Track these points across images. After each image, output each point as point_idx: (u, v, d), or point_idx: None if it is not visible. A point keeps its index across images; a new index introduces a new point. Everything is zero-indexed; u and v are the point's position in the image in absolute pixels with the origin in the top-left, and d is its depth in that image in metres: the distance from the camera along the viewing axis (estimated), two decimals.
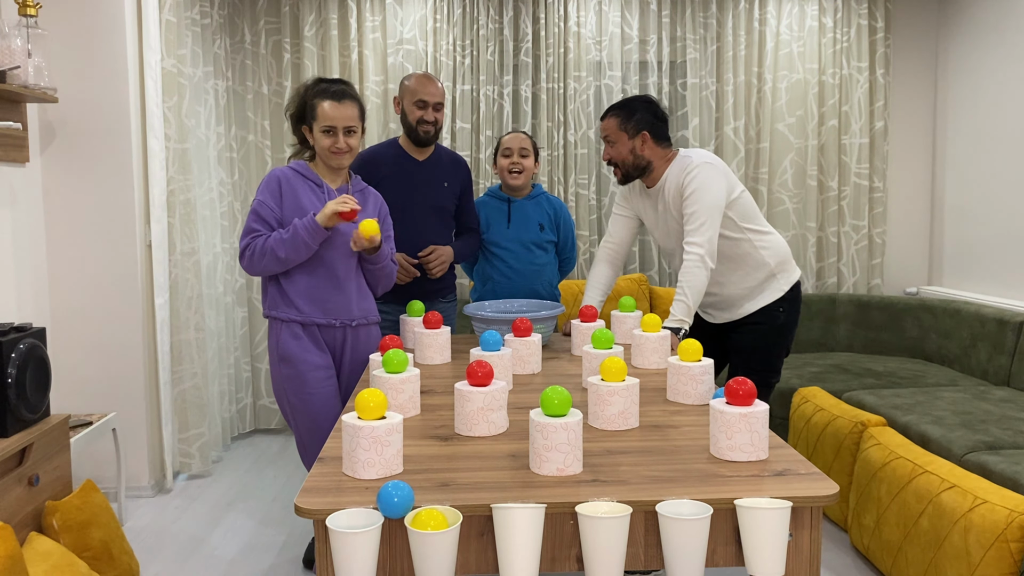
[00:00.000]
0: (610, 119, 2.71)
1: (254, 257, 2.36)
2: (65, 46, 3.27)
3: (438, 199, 2.99)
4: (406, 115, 2.93)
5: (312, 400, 2.44)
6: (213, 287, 3.97)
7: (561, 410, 1.47)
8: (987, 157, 4.08)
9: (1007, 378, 3.57)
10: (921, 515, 2.33)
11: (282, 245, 2.33)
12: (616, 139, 2.69)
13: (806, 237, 4.47)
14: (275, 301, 2.46)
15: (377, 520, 1.28)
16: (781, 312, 2.74)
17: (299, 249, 2.33)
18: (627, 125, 2.68)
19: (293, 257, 2.35)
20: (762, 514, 1.27)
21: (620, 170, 2.73)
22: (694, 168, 2.60)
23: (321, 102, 2.41)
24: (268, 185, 2.43)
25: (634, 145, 2.68)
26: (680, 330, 2.54)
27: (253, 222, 2.40)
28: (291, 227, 2.34)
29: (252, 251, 2.37)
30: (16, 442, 2.28)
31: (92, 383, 3.38)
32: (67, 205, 3.32)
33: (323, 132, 2.42)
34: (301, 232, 2.31)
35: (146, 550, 2.93)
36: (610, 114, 2.71)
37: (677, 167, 2.66)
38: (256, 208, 2.41)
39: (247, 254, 2.38)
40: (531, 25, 4.33)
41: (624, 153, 2.69)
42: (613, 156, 2.72)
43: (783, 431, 3.70)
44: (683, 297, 2.55)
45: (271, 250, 2.34)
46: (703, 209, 2.56)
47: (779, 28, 4.38)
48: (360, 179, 2.64)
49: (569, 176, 4.37)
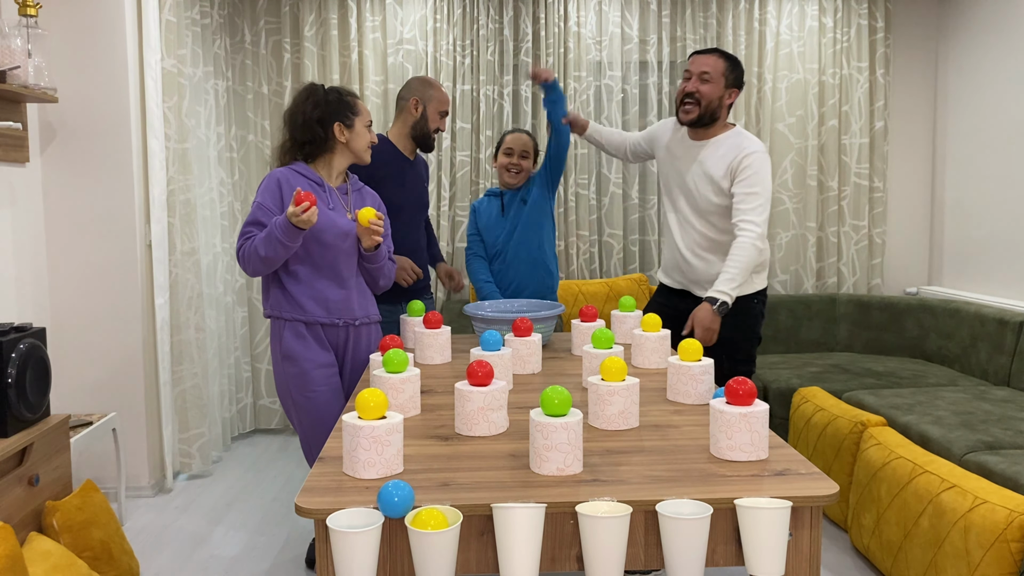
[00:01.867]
0: (719, 59, 2.75)
1: (244, 257, 2.39)
2: (65, 46, 3.27)
3: (423, 197, 3.09)
4: (427, 120, 2.95)
5: (316, 398, 2.45)
6: (213, 287, 3.97)
7: (561, 410, 1.47)
8: (987, 157, 4.08)
9: (1007, 378, 3.57)
10: (921, 515, 2.33)
11: (262, 244, 2.34)
12: (715, 79, 2.74)
13: (806, 237, 4.47)
14: (278, 302, 2.46)
15: (377, 520, 1.28)
16: (756, 304, 2.84)
17: (275, 247, 2.32)
18: (730, 73, 2.76)
19: (273, 256, 2.34)
20: (762, 514, 1.27)
21: (699, 108, 2.76)
22: (756, 151, 2.68)
23: (357, 100, 2.53)
24: (268, 186, 2.43)
25: (724, 94, 2.75)
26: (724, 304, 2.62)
27: (248, 224, 2.42)
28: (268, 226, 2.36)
29: (243, 252, 2.39)
30: (16, 442, 2.28)
31: (92, 383, 3.38)
32: (67, 205, 3.32)
33: (367, 127, 2.53)
34: (275, 231, 2.32)
35: (146, 550, 2.93)
36: (718, 54, 2.76)
37: (734, 139, 2.73)
38: (254, 209, 2.42)
39: (240, 255, 2.41)
40: (531, 25, 4.33)
41: (715, 95, 2.75)
42: (704, 92, 2.74)
43: (783, 431, 3.70)
44: (733, 271, 2.63)
45: (254, 250, 2.36)
46: (763, 192, 2.66)
47: (779, 28, 4.38)
48: (357, 179, 2.65)
49: (569, 176, 4.37)
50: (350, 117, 2.49)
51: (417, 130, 2.96)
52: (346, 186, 2.56)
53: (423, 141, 2.97)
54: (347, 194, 2.54)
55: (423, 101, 2.95)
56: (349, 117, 2.49)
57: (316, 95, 2.51)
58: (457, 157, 4.31)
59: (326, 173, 2.52)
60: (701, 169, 2.76)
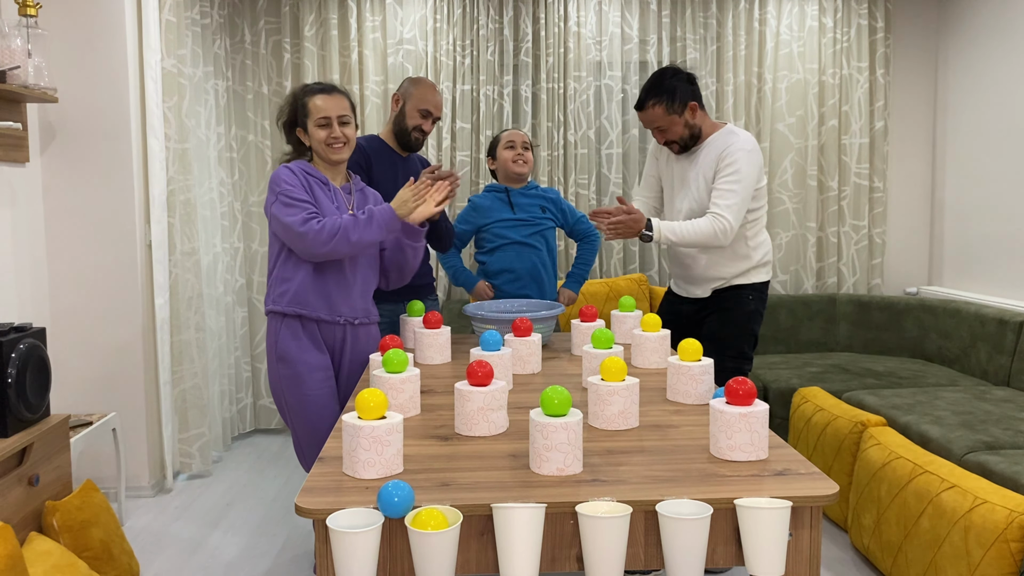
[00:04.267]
0: (655, 108, 2.71)
1: (322, 234, 2.27)
2: (65, 46, 3.27)
3: None
4: (405, 117, 2.90)
5: (309, 401, 2.43)
6: (213, 287, 3.97)
7: (561, 410, 1.47)
8: (987, 157, 4.08)
9: (1007, 378, 3.57)
10: (921, 515, 2.33)
11: (356, 227, 2.29)
12: (668, 124, 2.73)
13: (806, 237, 4.47)
14: (281, 295, 2.43)
15: (377, 520, 1.28)
16: (750, 299, 2.81)
17: (373, 232, 2.31)
18: (674, 106, 2.71)
19: (366, 239, 2.31)
20: (762, 514, 1.27)
21: (678, 145, 2.77)
22: (739, 149, 2.66)
23: (312, 98, 2.42)
24: (285, 177, 2.36)
25: (686, 119, 2.73)
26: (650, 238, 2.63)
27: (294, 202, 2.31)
28: (367, 211, 2.32)
29: (323, 227, 2.28)
30: (16, 442, 2.28)
31: (92, 383, 3.38)
32: (67, 205, 3.32)
33: (318, 126, 2.41)
34: (378, 217, 2.30)
35: (146, 550, 2.93)
36: (651, 103, 2.71)
37: (724, 137, 2.72)
38: (286, 192, 2.32)
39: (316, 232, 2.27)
40: (531, 25, 4.33)
41: (680, 131, 2.74)
42: (671, 136, 2.75)
43: (783, 431, 3.70)
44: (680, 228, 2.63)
45: (343, 230, 2.28)
46: (741, 191, 2.63)
47: (779, 28, 4.38)
48: (360, 179, 2.62)
49: (569, 176, 4.37)
50: (304, 120, 2.44)
51: (397, 126, 2.92)
52: (349, 185, 2.55)
53: (403, 138, 2.91)
54: (350, 194, 2.53)
55: (403, 97, 2.91)
56: (303, 120, 2.44)
57: (287, 100, 2.50)
58: (457, 157, 4.30)
59: (329, 175, 2.51)
60: (697, 169, 2.77)
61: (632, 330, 2.49)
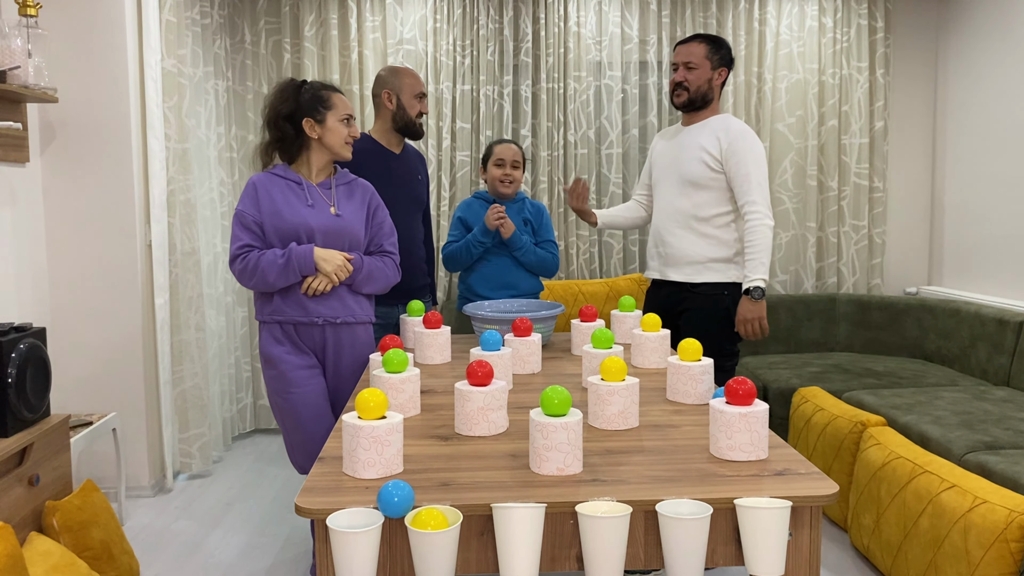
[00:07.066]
0: (699, 44, 2.77)
1: (246, 271, 2.37)
2: (65, 46, 3.27)
3: (416, 191, 3.01)
4: (404, 109, 2.88)
5: (294, 398, 2.41)
6: (213, 287, 3.97)
7: (561, 410, 1.47)
8: (987, 157, 4.08)
9: (1007, 378, 3.57)
10: (921, 515, 2.33)
11: (272, 269, 2.35)
12: (700, 65, 2.77)
13: (806, 237, 4.47)
14: (262, 306, 2.46)
15: (377, 520, 1.28)
16: (725, 295, 2.80)
17: (289, 277, 2.37)
18: (714, 55, 2.78)
19: (282, 283, 2.37)
20: (762, 514, 1.28)
21: (688, 94, 2.80)
22: (745, 132, 2.72)
23: (332, 94, 2.46)
24: (246, 192, 2.43)
25: (712, 76, 2.79)
26: (758, 289, 2.64)
27: (239, 230, 2.40)
28: (286, 253, 2.34)
29: (246, 264, 2.37)
30: (16, 442, 2.28)
31: (92, 383, 3.38)
32: (67, 205, 3.32)
33: (342, 121, 2.46)
34: (294, 262, 2.33)
35: (146, 550, 2.93)
36: (699, 39, 2.78)
37: (724, 121, 2.78)
38: (238, 216, 2.41)
39: (239, 264, 2.39)
40: (531, 25, 4.33)
41: (702, 80, 2.78)
42: (691, 80, 2.78)
43: (783, 431, 3.70)
44: (756, 256, 2.66)
45: (262, 271, 2.35)
46: (756, 170, 2.69)
47: (779, 28, 4.38)
48: (347, 172, 2.58)
49: (569, 176, 4.37)
50: (321, 112, 2.43)
51: (399, 121, 2.90)
52: (330, 181, 2.50)
53: (409, 130, 2.91)
54: (331, 188, 2.49)
55: (395, 91, 2.89)
56: (320, 112, 2.43)
57: (286, 91, 2.46)
58: (457, 157, 4.31)
59: (306, 171, 2.48)
60: (694, 145, 2.79)
61: (632, 330, 2.49)
